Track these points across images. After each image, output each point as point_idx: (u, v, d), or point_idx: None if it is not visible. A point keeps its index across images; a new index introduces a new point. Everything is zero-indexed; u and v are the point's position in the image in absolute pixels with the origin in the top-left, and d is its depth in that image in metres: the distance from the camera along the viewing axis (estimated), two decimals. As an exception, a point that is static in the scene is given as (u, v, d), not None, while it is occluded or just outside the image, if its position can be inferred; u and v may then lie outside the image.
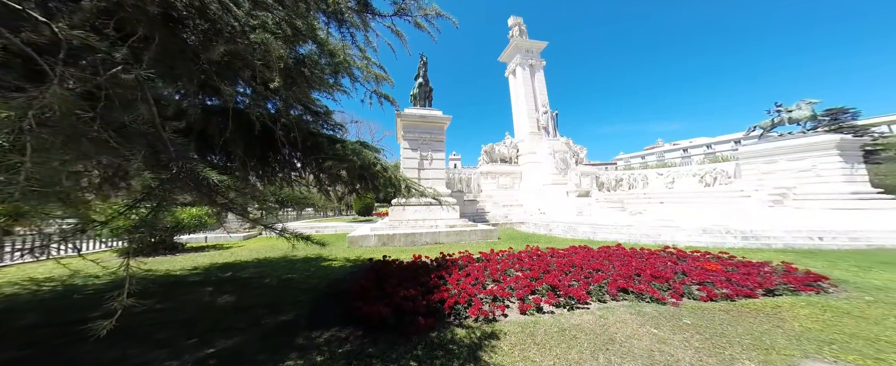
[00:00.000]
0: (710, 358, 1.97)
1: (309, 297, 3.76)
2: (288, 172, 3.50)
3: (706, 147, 46.12)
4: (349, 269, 5.37)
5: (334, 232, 12.20)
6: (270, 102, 2.79)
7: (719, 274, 3.75)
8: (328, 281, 4.52)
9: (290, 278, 4.80)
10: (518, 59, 19.48)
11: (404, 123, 11.21)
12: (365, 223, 13.76)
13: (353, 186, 3.56)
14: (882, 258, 5.01)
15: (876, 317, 2.58)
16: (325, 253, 7.08)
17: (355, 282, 4.19)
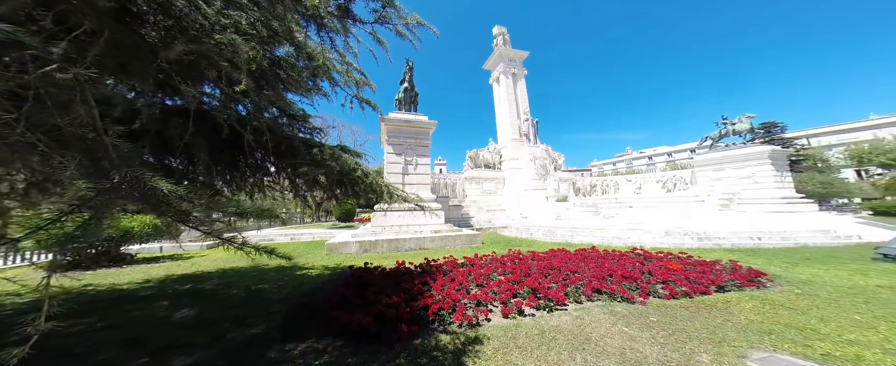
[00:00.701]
0: (674, 353, 2.12)
1: (282, 307, 3.53)
2: (260, 178, 3.29)
3: (667, 155, 50.62)
4: (327, 277, 5.13)
5: (312, 239, 11.58)
6: (241, 104, 2.63)
7: (679, 273, 4.07)
8: (304, 290, 4.27)
9: (261, 288, 4.48)
10: (502, 68, 20.17)
11: (388, 127, 11.07)
12: (345, 229, 13.26)
13: (333, 191, 3.43)
14: (806, 255, 5.75)
15: (803, 308, 2.95)
16: (302, 261, 6.71)
17: (334, 291, 4.00)
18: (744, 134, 14.26)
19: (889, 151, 25.87)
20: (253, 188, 3.37)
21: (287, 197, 4.00)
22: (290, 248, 9.11)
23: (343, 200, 3.82)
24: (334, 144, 3.37)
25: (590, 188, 16.96)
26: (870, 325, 2.49)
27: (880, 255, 5.22)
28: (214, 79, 2.11)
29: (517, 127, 18.45)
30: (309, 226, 18.88)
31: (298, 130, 3.39)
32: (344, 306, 3.25)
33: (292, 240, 11.46)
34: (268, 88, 2.59)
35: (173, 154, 2.73)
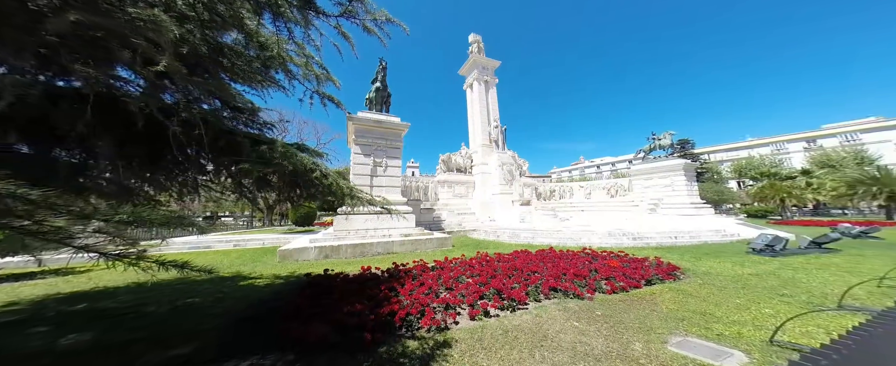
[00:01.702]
0: (614, 343, 2.43)
1: (218, 323, 3.09)
2: (192, 176, 2.83)
3: (612, 165, 57.88)
4: (278, 287, 4.65)
5: (261, 246, 10.37)
6: (168, 92, 2.27)
7: (619, 270, 4.67)
8: (248, 303, 3.80)
9: (191, 303, 3.86)
10: (475, 75, 20.80)
11: (357, 126, 10.52)
12: (303, 234, 12.14)
13: (287, 193, 3.13)
14: (706, 250, 7.11)
15: (704, 295, 3.64)
16: (247, 270, 5.94)
17: (287, 301, 3.65)
18: (667, 148, 17.05)
19: (757, 166, 33.70)
20: (182, 188, 2.88)
21: (230, 199, 3.53)
22: (232, 256, 7.99)
23: (299, 202, 3.52)
24: (291, 142, 3.09)
25: (550, 193, 18.47)
26: (745, 307, 3.19)
27: (751, 249, 6.73)
28: (128, 60, 1.78)
29: (488, 133, 19.19)
30: (259, 231, 16.79)
31: (245, 124, 3.02)
32: (298, 316, 2.98)
33: (236, 247, 10.12)
34: (207, 76, 2.28)
35: (63, 145, 2.19)
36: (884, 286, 3.72)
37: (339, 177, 3.06)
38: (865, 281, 3.88)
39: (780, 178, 28.89)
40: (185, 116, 1.99)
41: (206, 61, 2.24)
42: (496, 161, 17.05)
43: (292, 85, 3.04)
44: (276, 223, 25.09)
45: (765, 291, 3.79)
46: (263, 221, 24.69)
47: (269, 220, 23.67)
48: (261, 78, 2.81)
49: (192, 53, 2.03)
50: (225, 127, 2.49)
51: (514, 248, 7.82)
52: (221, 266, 6.52)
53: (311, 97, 3.15)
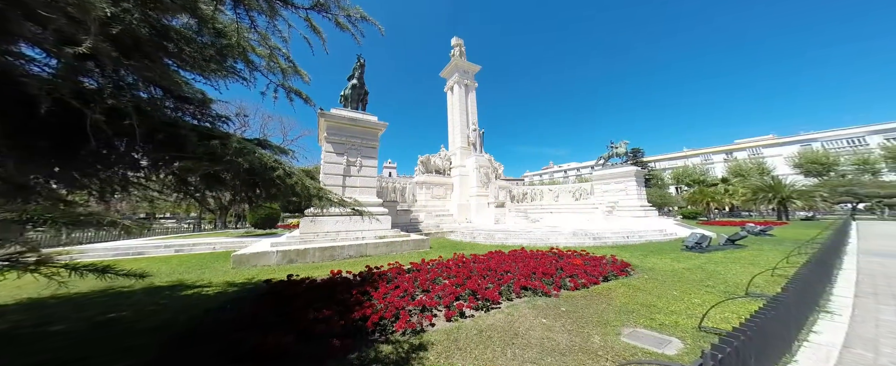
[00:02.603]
0: (577, 337, 2.64)
1: (154, 339, 2.71)
2: (118, 173, 2.43)
3: (577, 170, 62.58)
4: (232, 295, 4.23)
5: (212, 250, 9.28)
6: (90, 75, 1.97)
7: (581, 268, 5.07)
8: (193, 314, 3.40)
9: (117, 318, 3.35)
10: (456, 78, 20.99)
11: (329, 124, 9.95)
12: (264, 238, 11.11)
13: (245, 193, 2.86)
14: (652, 249, 8.06)
15: (649, 289, 4.12)
16: (191, 278, 5.31)
17: (241, 310, 3.34)
18: (622, 156, 18.98)
19: (690, 174, 39.25)
20: (105, 186, 2.46)
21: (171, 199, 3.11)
22: (173, 263, 7.07)
23: (259, 203, 3.23)
24: (251, 138, 2.84)
25: (522, 196, 19.37)
26: (680, 298, 3.70)
27: (684, 247, 7.80)
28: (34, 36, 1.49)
29: (466, 136, 19.49)
30: (209, 234, 14.94)
31: (193, 116, 2.71)
32: (255, 325, 2.74)
33: (178, 253, 8.92)
34: (146, 62, 2.01)
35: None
36: (776, 275, 4.58)
37: (307, 176, 2.87)
38: (763, 271, 4.75)
39: (707, 184, 33.99)
40: (112, 103, 1.71)
41: (146, 45, 1.95)
42: (473, 164, 17.40)
43: (254, 77, 2.79)
44: (231, 226, 22.51)
45: (694, 283, 4.43)
46: (215, 223, 21.95)
47: (223, 222, 21.11)
48: (216, 67, 2.53)
49: (129, 35, 1.76)
50: (165, 118, 2.18)
51: (489, 249, 8.06)
52: (159, 274, 5.70)
53: (276, 91, 2.93)
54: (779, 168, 35.04)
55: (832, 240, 5.67)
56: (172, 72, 2.32)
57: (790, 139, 40.12)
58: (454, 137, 20.43)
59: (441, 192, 17.96)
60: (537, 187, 20.47)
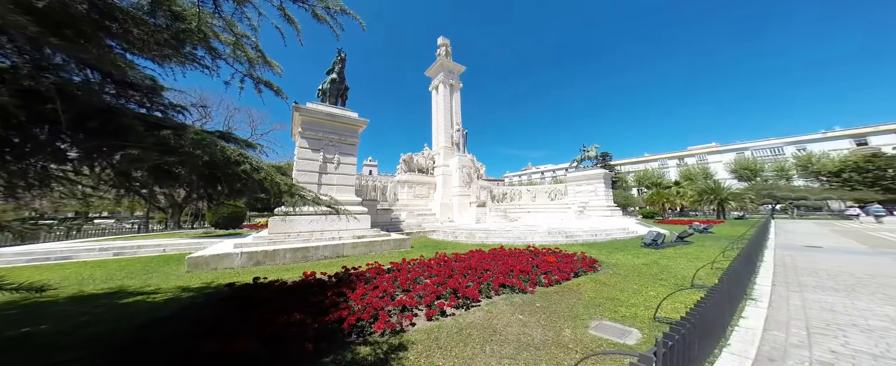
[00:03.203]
0: (550, 332, 2.80)
1: (86, 352, 2.41)
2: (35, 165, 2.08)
3: (553, 172, 65.85)
4: (186, 301, 3.87)
5: (162, 253, 8.38)
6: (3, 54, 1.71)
7: (554, 264, 5.37)
8: (137, 324, 3.06)
9: (37, 331, 2.93)
10: (441, 77, 20.89)
11: (305, 118, 9.42)
12: (227, 238, 10.21)
13: (204, 189, 2.62)
14: (616, 246, 8.76)
15: (613, 284, 4.49)
16: (135, 284, 4.76)
17: (198, 317, 3.08)
18: (593, 159, 20.34)
19: (649, 177, 43.31)
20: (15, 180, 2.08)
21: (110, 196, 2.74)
22: (111, 268, 6.27)
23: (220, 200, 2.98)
24: (212, 130, 2.62)
25: (502, 196, 19.94)
26: (639, 291, 4.08)
27: (643, 244, 8.60)
28: None
29: (450, 136, 19.54)
30: (159, 235, 13.29)
31: (140, 103, 2.43)
32: (216, 332, 2.54)
33: (118, 256, 7.94)
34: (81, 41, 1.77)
35: None
36: (715, 268, 5.25)
37: (277, 172, 2.70)
38: (705, 265, 5.42)
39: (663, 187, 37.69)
40: (29, 84, 1.46)
41: (83, 23, 1.70)
42: (457, 163, 17.53)
43: (217, 65, 2.56)
44: (187, 226, 20.28)
45: (650, 277, 4.91)
46: (166, 223, 19.59)
47: (176, 222, 18.87)
48: (171, 53, 2.27)
49: (60, 10, 1.52)
50: (100, 104, 1.91)
51: (470, 247, 8.19)
52: (92, 281, 5.04)
53: (242, 81, 2.72)
54: (719, 173, 40.01)
55: (756, 237, 6.61)
56: (116, 55, 2.04)
57: (728, 148, 45.96)
58: (438, 136, 20.38)
59: (424, 191, 17.86)
60: (516, 188, 21.21)
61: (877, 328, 2.83)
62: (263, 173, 2.39)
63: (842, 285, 4.50)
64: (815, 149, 37.11)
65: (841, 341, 2.60)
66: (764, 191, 30.63)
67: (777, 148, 41.72)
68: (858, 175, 28.30)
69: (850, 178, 28.69)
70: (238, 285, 4.01)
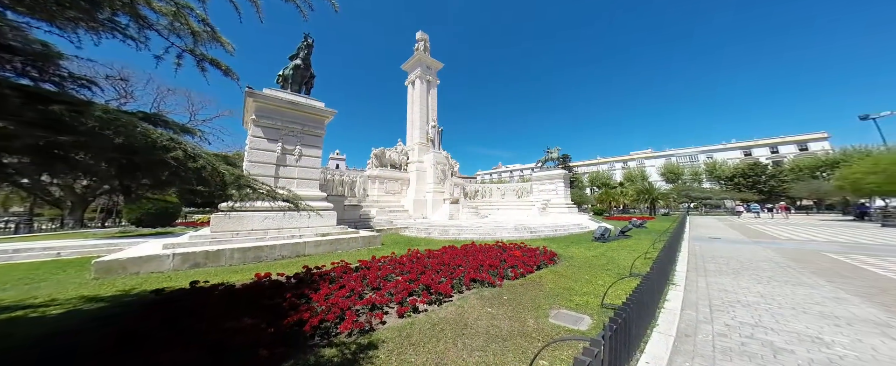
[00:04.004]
0: (515, 322, 2.99)
1: None
2: None
3: (520, 171, 69.74)
4: (95, 313, 3.25)
5: (55, 258, 6.87)
6: None
7: (520, 259, 5.73)
8: (11, 346, 2.47)
9: None
10: (419, 73, 20.32)
11: (260, 105, 8.43)
12: (155, 238, 8.72)
13: (119, 180, 2.20)
14: (572, 240, 9.72)
15: (569, 275, 4.98)
16: (12, 298, 3.82)
17: (120, 329, 2.60)
18: (555, 160, 22.07)
19: (600, 178, 48.79)
20: None
21: None
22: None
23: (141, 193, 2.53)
24: (133, 110, 2.21)
25: (474, 193, 20.49)
26: (590, 281, 4.60)
27: (594, 238, 9.70)
28: None
29: (426, 132, 19.27)
30: (51, 236, 10.59)
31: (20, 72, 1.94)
32: (137, 345, 2.20)
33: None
34: None
35: None
36: (647, 258, 6.18)
37: (221, 161, 2.36)
38: (640, 256, 6.34)
39: (610, 187, 42.82)
40: None
41: None
42: (432, 160, 17.42)
43: (145, 37, 2.13)
44: (96, 225, 16.59)
45: (599, 268, 5.57)
46: (63, 221, 15.67)
47: (78, 219, 15.10)
48: (77, 16, 1.81)
49: None
50: None
51: (443, 244, 8.27)
52: None
53: (180, 56, 2.29)
54: (653, 176, 46.92)
55: (675, 231, 7.96)
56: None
57: (660, 154, 54.29)
58: (413, 132, 19.95)
59: (396, 187, 17.40)
60: (487, 186, 21.98)
61: (753, 303, 3.66)
62: (202, 162, 2.05)
63: (731, 269, 5.69)
64: (719, 157, 46.05)
65: (731, 315, 3.30)
66: (683, 192, 36.95)
67: (693, 155, 50.53)
68: (744, 179, 35.89)
69: (738, 182, 36.23)
70: (169, 290, 3.45)
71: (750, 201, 32.90)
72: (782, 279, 4.84)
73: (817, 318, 3.15)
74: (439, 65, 21.77)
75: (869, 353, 2.39)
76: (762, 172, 35.52)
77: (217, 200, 6.48)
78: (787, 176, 33.55)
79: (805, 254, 7.18)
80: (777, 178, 33.94)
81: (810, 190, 28.76)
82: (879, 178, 16.86)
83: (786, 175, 33.81)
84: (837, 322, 3.03)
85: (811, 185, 28.93)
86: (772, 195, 33.15)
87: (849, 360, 2.31)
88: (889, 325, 2.95)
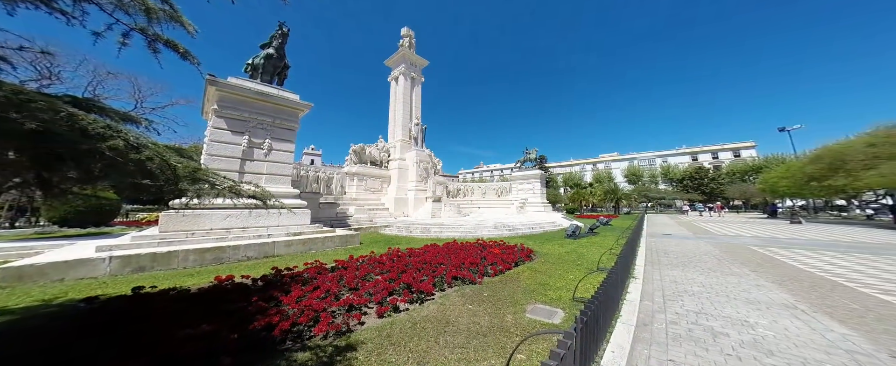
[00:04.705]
0: (495, 318, 3.08)
1: None
2: None
3: (501, 171, 71.67)
4: (6, 326, 2.78)
5: None
6: None
7: (499, 256, 5.92)
8: None
9: None
10: (402, 69, 19.80)
11: (224, 94, 7.72)
12: (87, 239, 7.63)
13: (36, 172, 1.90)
14: (547, 237, 10.24)
15: (544, 270, 5.25)
16: None
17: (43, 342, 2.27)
18: (533, 161, 23.02)
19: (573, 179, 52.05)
20: None
21: None
22: None
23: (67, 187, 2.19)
24: (60, 94, 1.91)
25: (457, 191, 20.64)
26: (562, 276, 4.89)
27: (566, 235, 10.33)
28: None
29: (408, 130, 18.93)
30: None
31: None
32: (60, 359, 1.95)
33: None
34: None
35: None
36: (612, 254, 6.73)
37: (173, 153, 2.10)
38: (606, 252, 6.89)
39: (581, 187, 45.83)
40: None
41: None
42: (414, 157, 17.19)
43: (82, 9, 1.82)
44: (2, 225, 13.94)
45: (571, 263, 5.94)
46: None
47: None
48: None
49: None
50: None
51: (425, 242, 8.24)
52: None
53: (127, 35, 2.00)
54: (618, 177, 51.18)
55: (636, 228, 8.78)
56: None
57: (623, 157, 59.40)
58: (395, 128, 19.49)
59: (376, 184, 16.92)
60: (469, 185, 22.29)
61: (697, 293, 4.18)
62: (148, 153, 1.80)
63: (680, 262, 6.42)
64: (672, 161, 51.68)
65: (680, 304, 3.73)
66: (643, 192, 40.88)
67: (652, 159, 55.98)
68: (691, 182, 40.65)
69: (687, 184, 40.96)
70: (105, 298, 3.03)
71: (695, 201, 37.42)
72: (719, 270, 5.58)
73: (745, 303, 3.69)
74: (424, 62, 21.45)
75: (783, 332, 2.85)
76: (705, 175, 40.52)
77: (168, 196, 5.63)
78: (724, 179, 38.67)
79: (735, 248, 8.34)
80: (716, 181, 38.95)
81: (740, 192, 33.56)
82: (790, 182, 20.18)
83: (723, 179, 38.93)
84: (759, 307, 3.57)
85: (741, 187, 33.76)
86: (712, 196, 37.99)
87: (769, 338, 2.73)
88: (796, 307, 3.55)
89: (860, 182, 14.43)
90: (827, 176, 16.44)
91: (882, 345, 2.57)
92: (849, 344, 2.60)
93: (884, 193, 19.13)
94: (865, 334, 2.78)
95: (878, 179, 13.37)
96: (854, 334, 2.80)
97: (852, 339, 2.69)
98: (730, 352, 2.48)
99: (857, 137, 16.17)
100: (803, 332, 2.85)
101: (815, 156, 18.10)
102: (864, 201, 22.90)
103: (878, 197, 20.75)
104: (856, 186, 15.13)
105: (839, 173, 15.58)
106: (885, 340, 2.67)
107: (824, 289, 4.29)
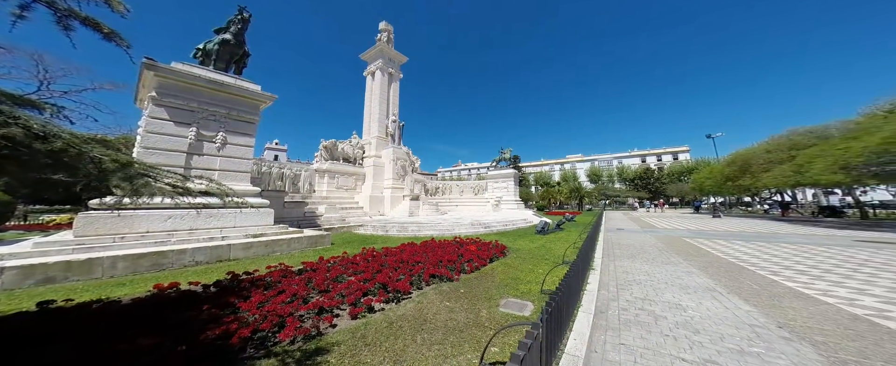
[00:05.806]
0: (471, 314, 3.19)
1: None
2: None
3: (478, 169, 73.29)
4: None
5: None
6: None
7: (475, 253, 6.10)
8: None
9: None
10: (379, 64, 18.96)
11: (165, 81, 6.80)
12: None
13: None
14: (519, 234, 10.81)
15: (516, 266, 5.56)
16: None
17: None
18: (508, 160, 23.98)
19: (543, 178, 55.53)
20: None
21: None
22: None
23: None
24: None
25: (435, 190, 20.62)
26: (532, 270, 5.23)
27: (536, 231, 11.02)
28: None
29: (385, 126, 18.31)
30: None
31: None
32: None
33: None
34: None
35: None
36: (575, 247, 7.38)
37: (97, 144, 1.81)
38: (570, 246, 7.52)
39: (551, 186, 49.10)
40: None
41: None
42: (391, 155, 16.72)
43: None
44: None
45: (540, 258, 6.37)
46: None
47: None
48: None
49: None
50: None
51: (402, 241, 8.12)
52: None
53: (25, 7, 1.67)
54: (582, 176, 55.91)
55: (595, 224, 9.73)
56: None
57: (587, 158, 65.11)
58: (370, 125, 18.72)
59: (349, 182, 16.15)
60: (447, 183, 22.44)
61: (643, 281, 4.79)
62: (61, 144, 1.52)
63: (630, 254, 7.29)
64: (626, 162, 58.08)
65: (630, 292, 4.25)
66: (602, 190, 45.31)
67: (609, 160, 62.21)
68: (641, 181, 46.18)
69: (637, 183, 46.44)
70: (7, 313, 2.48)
71: (643, 199, 42.61)
72: (660, 260, 6.45)
73: (679, 289, 4.34)
74: (403, 58, 20.87)
75: (706, 312, 3.42)
76: (651, 175, 46.34)
77: (87, 194, 4.67)
78: (666, 179, 44.62)
79: (672, 239, 9.71)
80: (660, 180, 44.79)
81: (678, 190, 39.14)
82: (712, 182, 24.17)
83: (665, 179, 44.90)
84: (688, 291, 4.24)
85: (679, 186, 39.36)
86: (657, 194, 43.63)
87: (696, 318, 3.26)
88: (715, 290, 4.28)
89: (760, 182, 17.93)
90: (738, 177, 20.10)
91: (772, 318, 3.24)
92: (751, 319, 3.22)
93: (775, 191, 23.85)
94: (761, 310, 3.47)
95: (771, 179, 16.70)
96: (755, 310, 3.48)
97: (753, 314, 3.34)
98: (668, 333, 2.91)
99: (758, 144, 20.10)
100: (720, 311, 3.46)
101: (729, 160, 22.05)
102: (763, 198, 28.32)
103: (771, 194, 25.85)
104: (757, 186, 18.78)
105: (746, 175, 19.16)
106: (775, 313, 3.37)
107: (734, 273, 5.23)
